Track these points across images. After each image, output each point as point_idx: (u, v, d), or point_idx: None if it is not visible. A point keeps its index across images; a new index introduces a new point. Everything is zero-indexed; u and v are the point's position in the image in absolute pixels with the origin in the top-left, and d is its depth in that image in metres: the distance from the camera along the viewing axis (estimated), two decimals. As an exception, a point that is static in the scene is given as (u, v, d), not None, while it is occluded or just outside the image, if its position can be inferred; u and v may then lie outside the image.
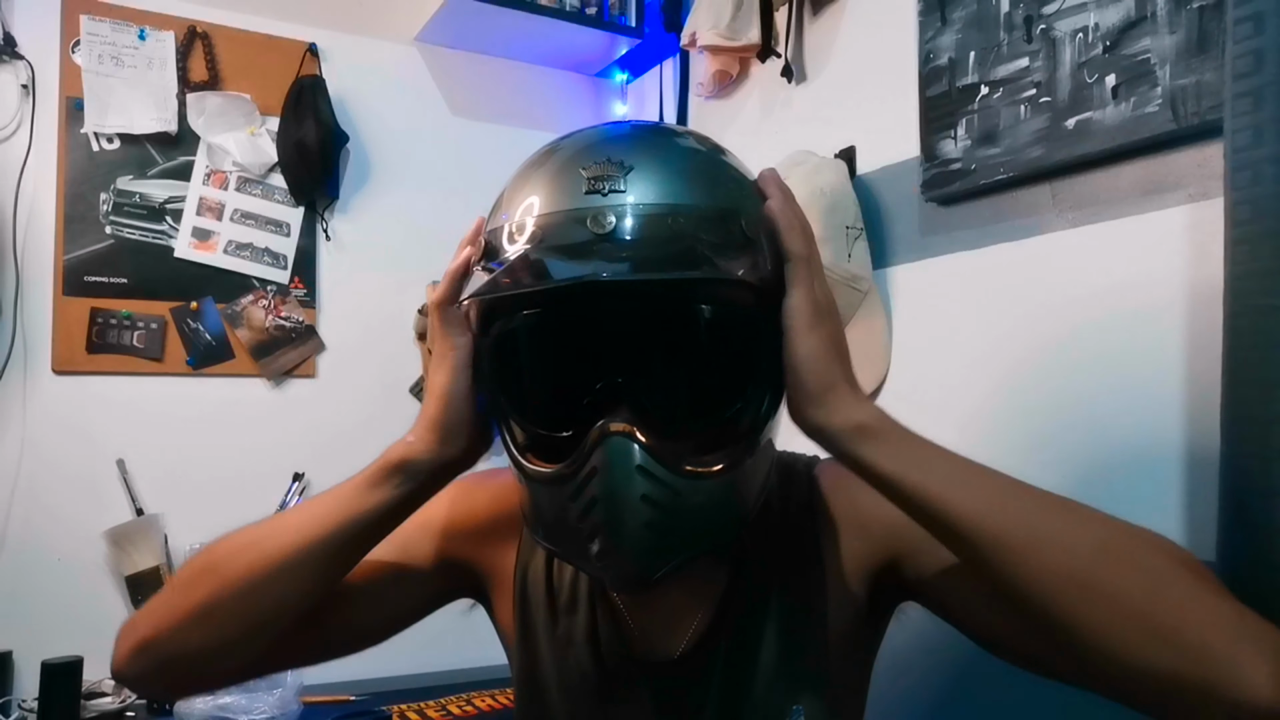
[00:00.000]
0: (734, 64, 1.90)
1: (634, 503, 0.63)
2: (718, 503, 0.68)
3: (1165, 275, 1.13)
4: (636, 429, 0.63)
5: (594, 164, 0.67)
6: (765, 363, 0.67)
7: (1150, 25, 1.11)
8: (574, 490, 0.65)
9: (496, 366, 0.71)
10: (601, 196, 0.65)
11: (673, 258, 0.64)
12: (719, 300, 0.67)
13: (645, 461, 0.63)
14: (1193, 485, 1.08)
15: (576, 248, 0.64)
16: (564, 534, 0.68)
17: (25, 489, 1.79)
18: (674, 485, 0.64)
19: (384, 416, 2.12)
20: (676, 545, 0.66)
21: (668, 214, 0.65)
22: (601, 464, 0.63)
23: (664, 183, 0.67)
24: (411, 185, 2.17)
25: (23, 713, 1.67)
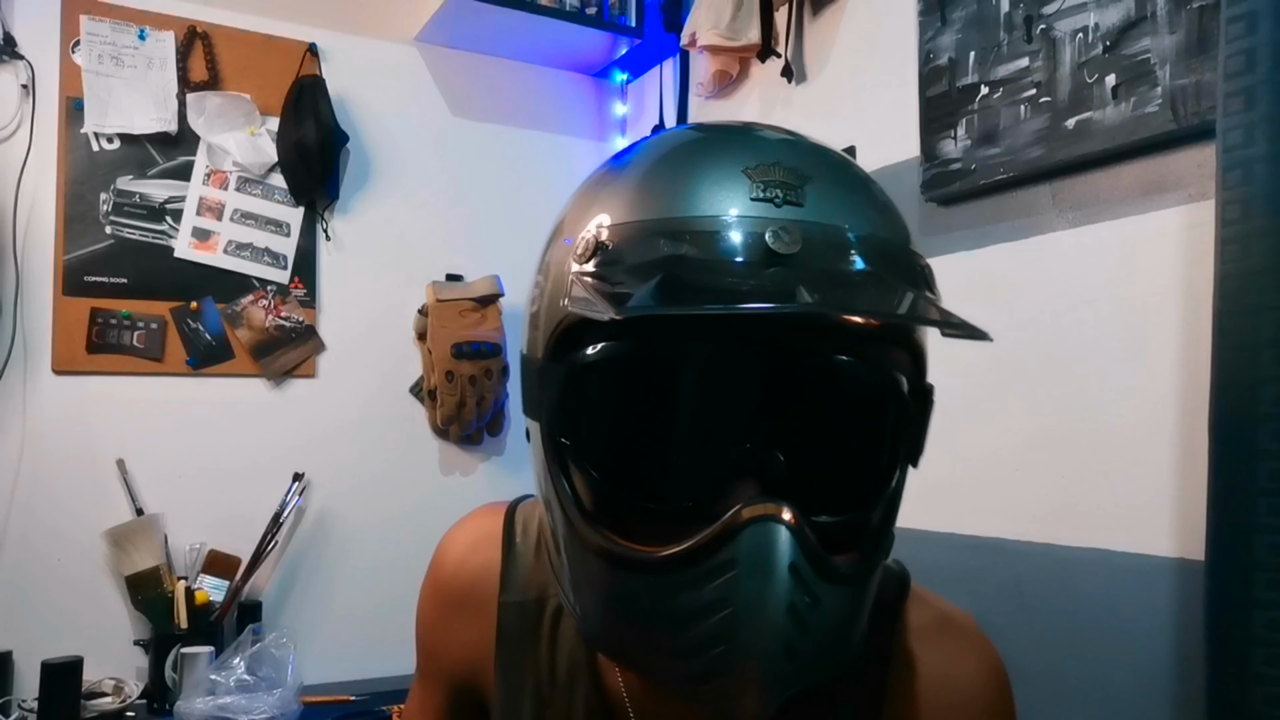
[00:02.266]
0: (734, 64, 1.90)
1: (779, 615, 0.47)
2: (851, 616, 0.53)
3: (1164, 275, 1.13)
4: (792, 515, 0.48)
5: (759, 165, 0.52)
6: (912, 443, 0.57)
7: (1150, 25, 1.11)
8: (691, 583, 0.48)
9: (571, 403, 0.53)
10: (775, 207, 0.50)
11: (883, 300, 0.49)
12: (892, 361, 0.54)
13: (800, 562, 0.48)
14: (1186, 485, 1.08)
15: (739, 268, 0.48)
16: (652, 639, 0.51)
17: (25, 489, 1.79)
18: (819, 593, 0.49)
19: (384, 416, 2.12)
20: (800, 671, 0.50)
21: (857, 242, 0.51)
22: (745, 556, 0.47)
23: (847, 202, 0.53)
24: (411, 185, 2.17)
25: (23, 713, 1.67)
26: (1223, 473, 0.86)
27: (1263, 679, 0.83)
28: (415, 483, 2.14)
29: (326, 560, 2.04)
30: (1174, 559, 1.09)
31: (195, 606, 1.80)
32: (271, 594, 1.98)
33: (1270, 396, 0.81)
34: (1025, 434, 1.29)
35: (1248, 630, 0.84)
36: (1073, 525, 1.22)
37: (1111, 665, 1.15)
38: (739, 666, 0.48)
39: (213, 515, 1.92)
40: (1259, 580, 0.82)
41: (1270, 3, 0.81)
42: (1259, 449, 0.81)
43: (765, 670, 0.48)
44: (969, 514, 1.36)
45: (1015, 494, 1.30)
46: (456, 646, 0.73)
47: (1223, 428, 0.86)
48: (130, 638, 1.83)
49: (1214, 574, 0.88)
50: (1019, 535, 1.29)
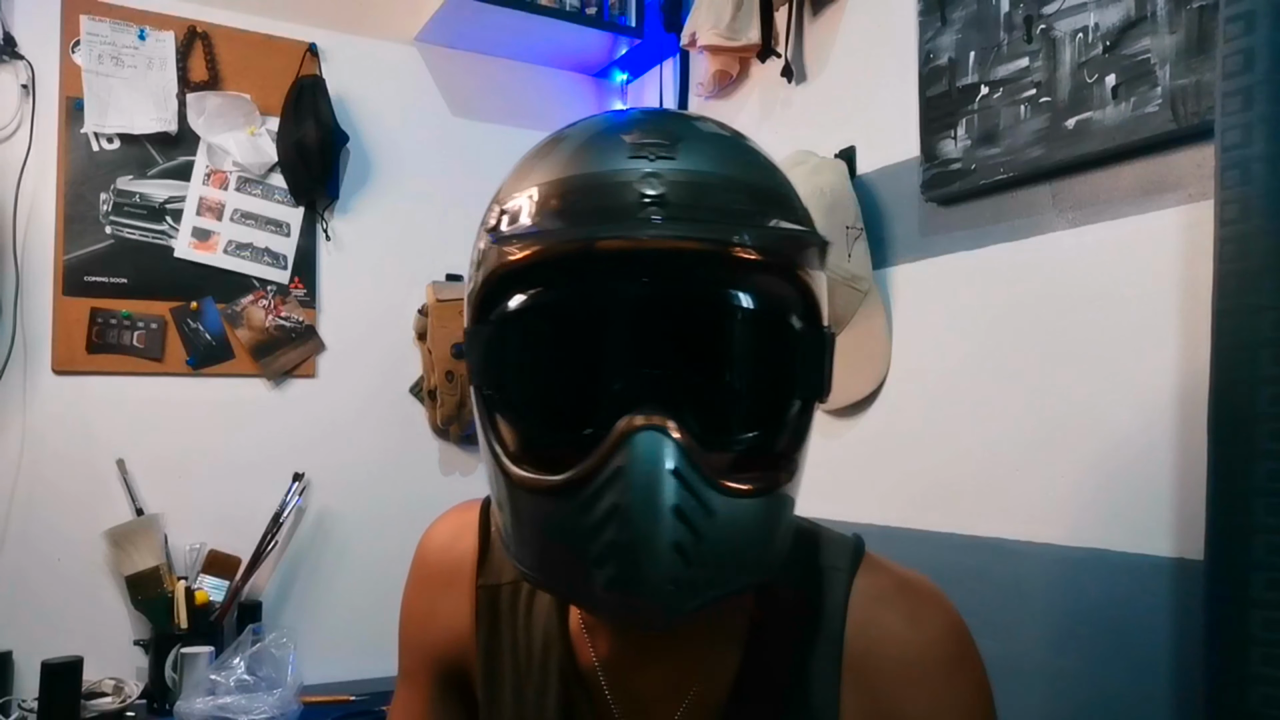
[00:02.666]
0: (734, 64, 1.90)
1: (665, 515, 0.52)
2: (752, 532, 0.57)
3: (1164, 275, 1.13)
4: (672, 424, 0.52)
5: (637, 131, 0.58)
6: (809, 377, 0.60)
7: (1150, 25, 1.11)
8: (587, 499, 0.53)
9: (495, 355, 0.59)
10: (649, 161, 0.55)
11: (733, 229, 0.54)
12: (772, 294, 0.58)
13: (681, 465, 0.52)
14: (1186, 485, 1.08)
15: (614, 211, 0.54)
16: (563, 559, 0.56)
17: (25, 489, 1.79)
18: (709, 501, 0.53)
19: (384, 416, 2.12)
20: (707, 578, 0.54)
21: (728, 185, 0.56)
22: (628, 463, 0.52)
23: (721, 158, 0.58)
24: (411, 185, 2.17)
25: (23, 713, 1.67)
26: (1221, 473, 0.86)
27: (1261, 679, 0.83)
28: (415, 483, 2.14)
29: (326, 560, 2.04)
30: (1173, 559, 1.09)
31: (195, 606, 1.80)
32: (271, 594, 1.98)
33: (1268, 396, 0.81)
34: (1025, 434, 1.29)
35: (1246, 630, 0.84)
36: (1073, 525, 1.22)
37: (1111, 665, 1.15)
38: (637, 568, 0.52)
39: (213, 515, 1.92)
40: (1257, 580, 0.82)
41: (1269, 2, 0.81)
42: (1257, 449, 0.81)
43: (661, 569, 0.52)
44: (969, 514, 1.36)
45: (1015, 494, 1.30)
46: (442, 630, 0.77)
47: (1221, 428, 0.86)
48: (130, 638, 1.84)
49: (1212, 574, 0.88)
50: (1019, 535, 1.29)
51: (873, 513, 1.53)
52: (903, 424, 1.50)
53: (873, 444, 1.55)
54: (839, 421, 1.61)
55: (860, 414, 1.57)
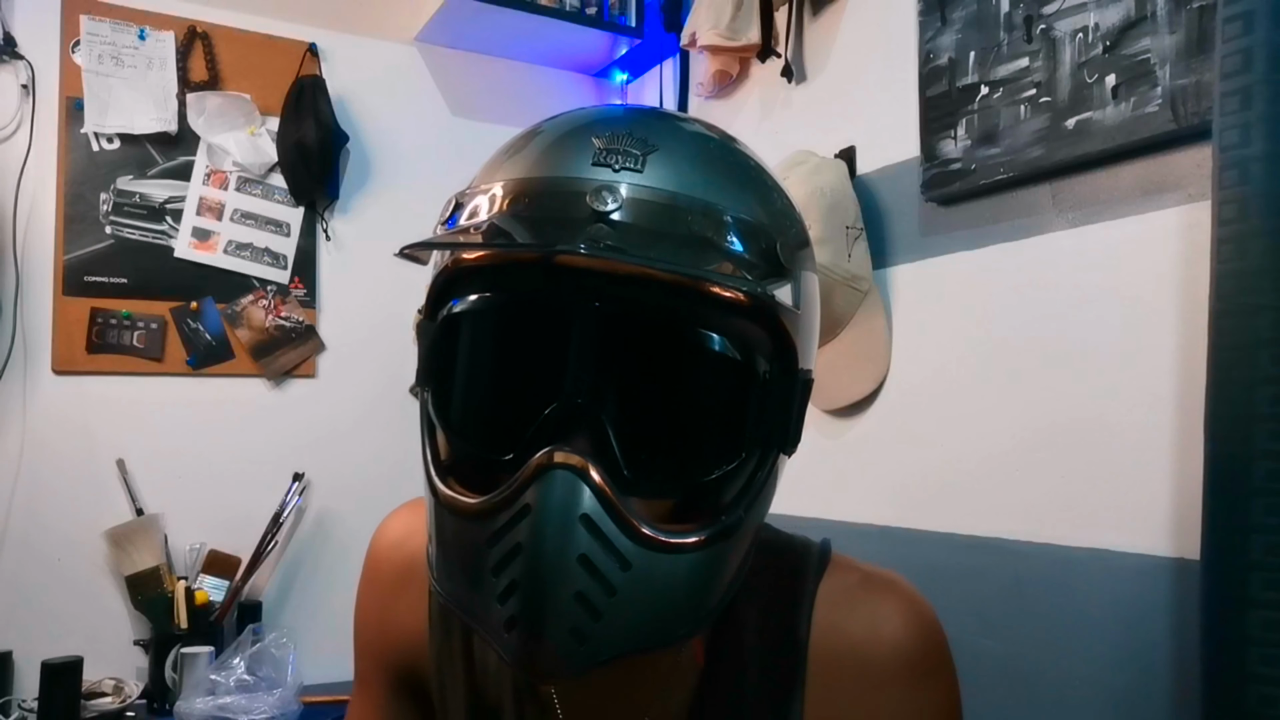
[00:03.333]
0: (734, 64, 1.90)
1: (567, 562, 0.48)
2: (680, 587, 0.52)
3: (1164, 275, 1.13)
4: (591, 467, 0.49)
5: (610, 134, 0.54)
6: (769, 426, 0.55)
7: (1150, 25, 1.11)
8: (495, 532, 0.50)
9: (435, 359, 0.57)
10: (612, 171, 0.52)
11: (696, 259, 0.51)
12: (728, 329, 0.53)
13: (594, 511, 0.49)
14: (1184, 484, 1.08)
15: (563, 223, 0.51)
16: (471, 589, 0.52)
17: (25, 489, 1.79)
18: (624, 552, 0.49)
19: (384, 417, 2.12)
20: (612, 635, 0.50)
21: (689, 208, 0.52)
22: (536, 503, 0.49)
23: (692, 174, 0.54)
24: (411, 185, 2.17)
25: (23, 713, 1.67)
26: (1219, 472, 0.86)
27: (1259, 679, 0.83)
28: (415, 483, 2.11)
29: (326, 560, 2.04)
30: (1173, 559, 1.09)
31: (195, 606, 1.80)
32: (271, 594, 1.98)
33: (1266, 396, 0.81)
34: (1025, 434, 1.29)
35: (1244, 630, 0.84)
36: (1072, 525, 1.22)
37: (1110, 665, 1.15)
38: (536, 613, 0.49)
39: (213, 515, 1.92)
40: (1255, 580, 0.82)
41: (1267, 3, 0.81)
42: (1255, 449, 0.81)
43: (557, 620, 0.49)
44: (969, 514, 1.36)
45: (1015, 494, 1.30)
46: (397, 631, 0.73)
47: (1219, 427, 0.86)
48: (130, 638, 1.84)
49: (1210, 574, 0.88)
50: (1019, 535, 1.29)
51: (873, 513, 1.53)
52: (903, 424, 1.50)
53: (873, 444, 1.55)
54: (839, 421, 1.61)
55: (860, 414, 1.57)
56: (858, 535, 1.53)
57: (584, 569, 0.49)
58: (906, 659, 0.61)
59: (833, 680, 0.62)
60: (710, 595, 0.55)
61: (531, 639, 0.49)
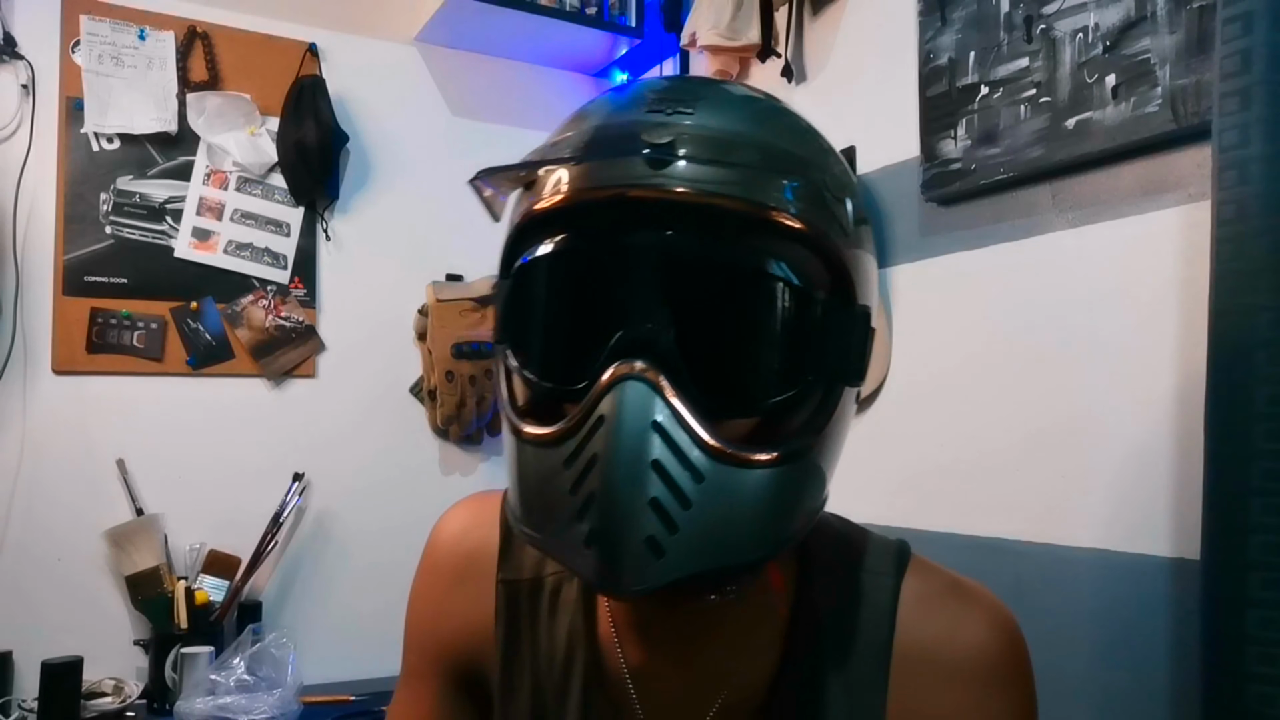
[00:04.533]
0: (734, 64, 1.90)
1: (642, 468, 0.50)
2: (751, 506, 0.54)
3: (1164, 275, 1.13)
4: (661, 378, 0.51)
5: (662, 89, 0.58)
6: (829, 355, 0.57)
7: (1150, 25, 1.11)
8: (573, 450, 0.52)
9: (509, 310, 0.60)
10: (665, 115, 0.55)
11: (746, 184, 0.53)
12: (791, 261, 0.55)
13: (666, 418, 0.50)
14: (1184, 484, 1.08)
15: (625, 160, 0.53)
16: (550, 514, 0.54)
17: (25, 489, 1.79)
18: (695, 463, 0.51)
19: (384, 417, 2.12)
20: (687, 550, 0.51)
21: (739, 142, 0.54)
22: (610, 412, 0.51)
23: (738, 118, 0.57)
24: (411, 185, 2.17)
25: (23, 713, 1.67)
26: (1218, 472, 0.86)
27: (1257, 677, 0.83)
28: (415, 483, 2.14)
29: (326, 560, 2.04)
30: (1172, 559, 1.09)
31: (195, 606, 1.80)
32: (271, 594, 1.98)
33: (1265, 396, 0.81)
34: (1024, 433, 1.29)
35: (1242, 629, 0.84)
36: (1072, 525, 1.22)
37: (1110, 665, 1.15)
38: (612, 522, 0.50)
39: (213, 515, 1.92)
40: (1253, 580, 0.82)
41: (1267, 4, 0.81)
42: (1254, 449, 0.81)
43: (637, 527, 0.50)
44: (969, 514, 1.36)
45: (1015, 494, 1.30)
46: (456, 625, 0.73)
47: (1218, 427, 0.87)
48: (130, 638, 1.84)
49: (1209, 573, 0.88)
50: (1019, 535, 1.29)
51: (873, 512, 1.53)
52: (903, 424, 1.51)
53: (873, 443, 1.55)
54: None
55: (860, 414, 1.57)
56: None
57: (658, 475, 0.50)
58: (991, 664, 0.62)
59: (914, 678, 0.63)
60: (782, 520, 0.56)
61: (610, 550, 0.51)
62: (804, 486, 0.58)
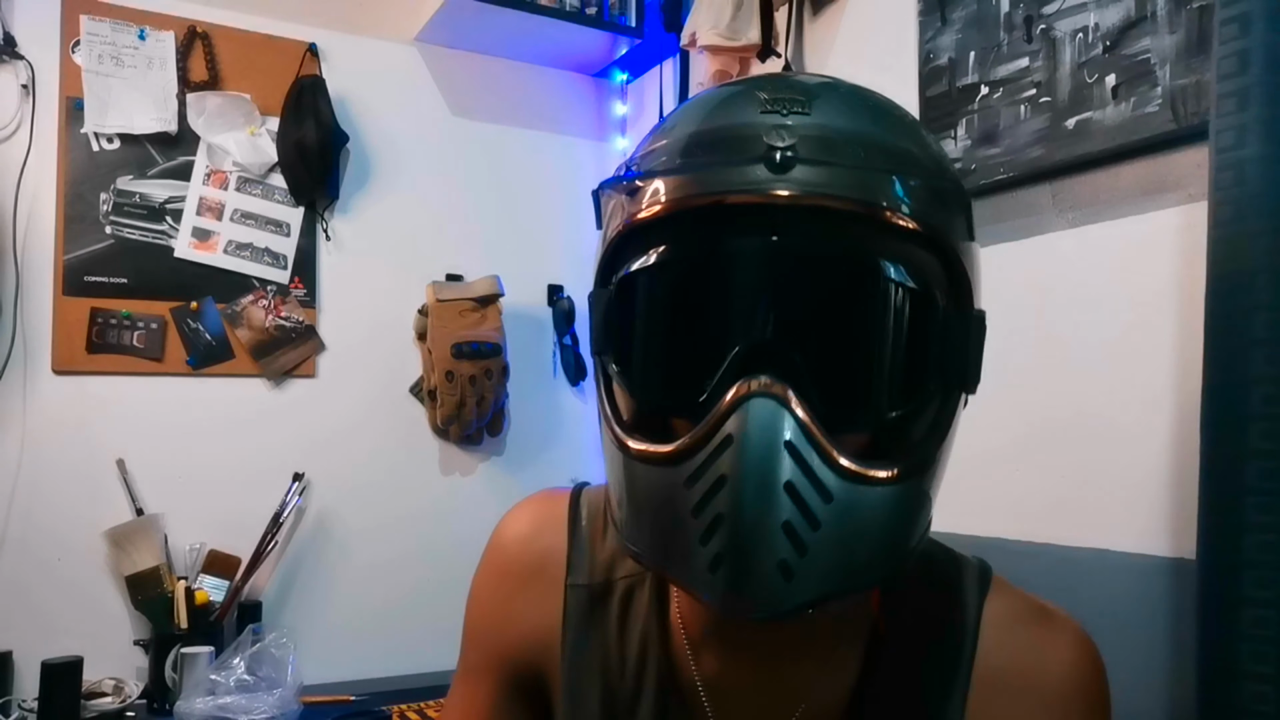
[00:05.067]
0: (734, 64, 1.90)
1: (776, 490, 0.48)
2: (877, 525, 0.52)
3: (1163, 275, 1.13)
4: (791, 394, 0.49)
5: (773, 88, 0.55)
6: (949, 362, 0.56)
7: (1150, 25, 1.11)
8: (696, 469, 0.49)
9: (613, 319, 0.57)
10: (782, 115, 0.52)
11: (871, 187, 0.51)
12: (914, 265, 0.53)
13: (796, 438, 0.48)
14: (1183, 484, 1.08)
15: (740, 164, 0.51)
16: (671, 535, 0.52)
17: (25, 489, 1.79)
18: (826, 483, 0.49)
19: (384, 417, 2.12)
20: (817, 573, 0.50)
21: (866, 142, 0.53)
22: (739, 431, 0.48)
23: (856, 116, 0.55)
24: (411, 185, 2.17)
25: (23, 713, 1.67)
26: (1213, 471, 0.87)
27: (1252, 676, 0.83)
28: (415, 483, 2.14)
29: (326, 560, 2.04)
30: (1170, 559, 1.09)
31: (195, 606, 1.80)
32: (271, 594, 1.98)
33: (1260, 396, 0.81)
34: (1024, 433, 1.29)
35: (1237, 628, 0.84)
36: (1071, 525, 1.22)
37: (1110, 665, 1.15)
38: (743, 545, 0.48)
39: (213, 515, 1.92)
40: (1248, 578, 0.82)
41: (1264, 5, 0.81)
42: (1249, 448, 0.82)
43: (769, 550, 0.48)
44: (969, 514, 1.36)
45: (1015, 493, 1.30)
46: (520, 628, 0.72)
47: (1213, 427, 0.87)
48: (130, 638, 1.84)
49: (1205, 572, 0.88)
50: (1019, 535, 1.29)
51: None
52: (903, 424, 1.50)
53: (873, 444, 1.55)
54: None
55: (860, 414, 1.57)
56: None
57: (790, 498, 0.48)
58: (1073, 689, 0.62)
59: (995, 701, 0.62)
60: (906, 535, 0.56)
61: (739, 574, 0.49)
62: (923, 502, 0.57)
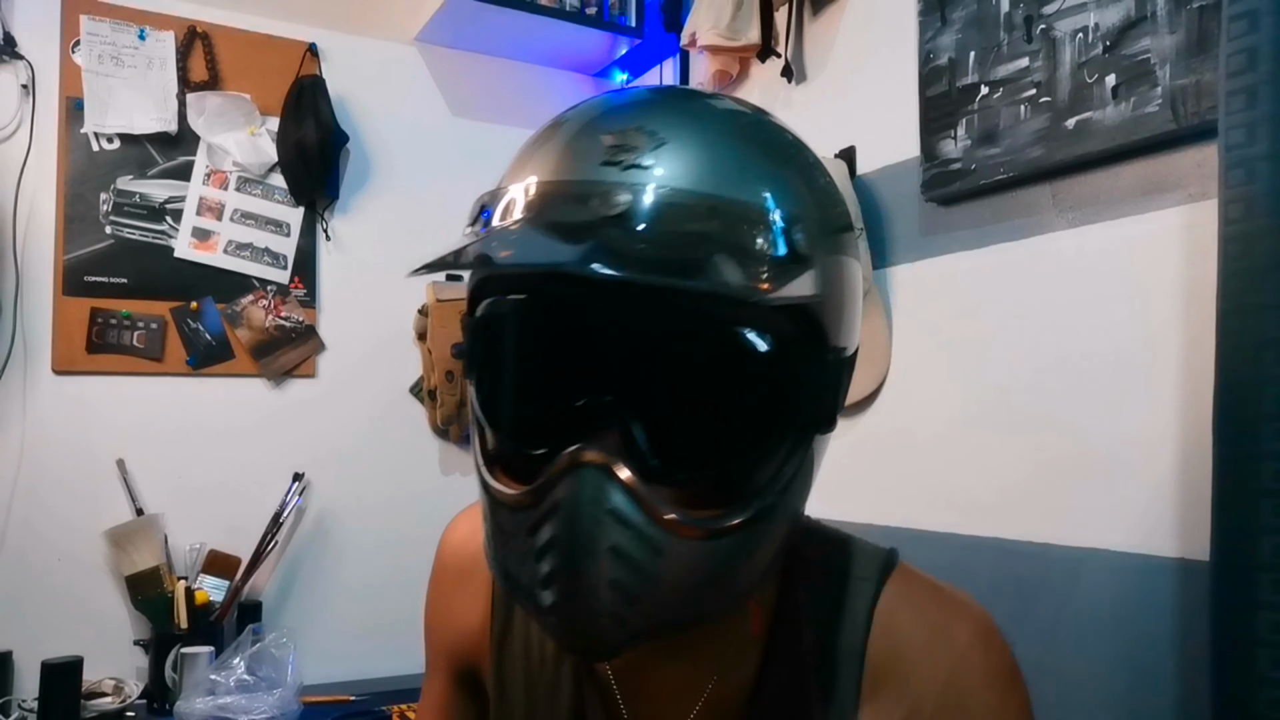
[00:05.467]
0: (734, 64, 1.90)
1: (598, 554, 0.50)
2: (713, 570, 0.54)
3: (1165, 275, 1.13)
4: (617, 463, 0.51)
5: (618, 131, 0.54)
6: (798, 408, 0.56)
7: (1150, 25, 1.11)
8: (532, 524, 0.52)
9: (477, 354, 0.59)
10: (619, 171, 0.52)
11: (687, 262, 0.50)
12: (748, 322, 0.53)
13: (621, 505, 0.51)
14: (1188, 485, 1.08)
15: (574, 228, 0.51)
16: (517, 571, 0.55)
17: (25, 489, 1.79)
18: (654, 540, 0.51)
19: (384, 416, 2.12)
20: (649, 616, 0.53)
21: (697, 204, 0.51)
22: (565, 500, 0.51)
23: (703, 165, 0.53)
24: (411, 185, 2.17)
25: (23, 713, 1.67)
26: (1227, 474, 0.86)
27: (1269, 682, 0.83)
28: (415, 483, 2.14)
29: (326, 560, 2.04)
30: (1176, 559, 1.09)
31: (195, 606, 1.80)
32: (271, 594, 1.98)
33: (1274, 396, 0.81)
34: (1025, 433, 1.29)
35: (1253, 633, 0.84)
36: (1073, 525, 1.21)
37: (1112, 666, 1.15)
38: (573, 601, 0.51)
39: (213, 515, 1.92)
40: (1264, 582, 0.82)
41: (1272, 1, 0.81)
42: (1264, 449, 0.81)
43: (594, 606, 0.51)
44: (969, 514, 1.36)
45: (1015, 494, 1.30)
46: (458, 624, 0.77)
47: (1227, 428, 0.86)
48: (130, 638, 1.84)
49: (1219, 576, 0.88)
50: (1019, 535, 1.29)
51: (872, 513, 1.53)
52: (903, 424, 1.50)
53: (872, 444, 1.55)
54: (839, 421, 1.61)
55: (860, 414, 1.57)
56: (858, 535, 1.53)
57: (616, 558, 0.51)
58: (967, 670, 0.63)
59: (890, 682, 0.63)
60: (746, 577, 0.57)
61: (572, 622, 0.52)
62: (773, 538, 0.58)
